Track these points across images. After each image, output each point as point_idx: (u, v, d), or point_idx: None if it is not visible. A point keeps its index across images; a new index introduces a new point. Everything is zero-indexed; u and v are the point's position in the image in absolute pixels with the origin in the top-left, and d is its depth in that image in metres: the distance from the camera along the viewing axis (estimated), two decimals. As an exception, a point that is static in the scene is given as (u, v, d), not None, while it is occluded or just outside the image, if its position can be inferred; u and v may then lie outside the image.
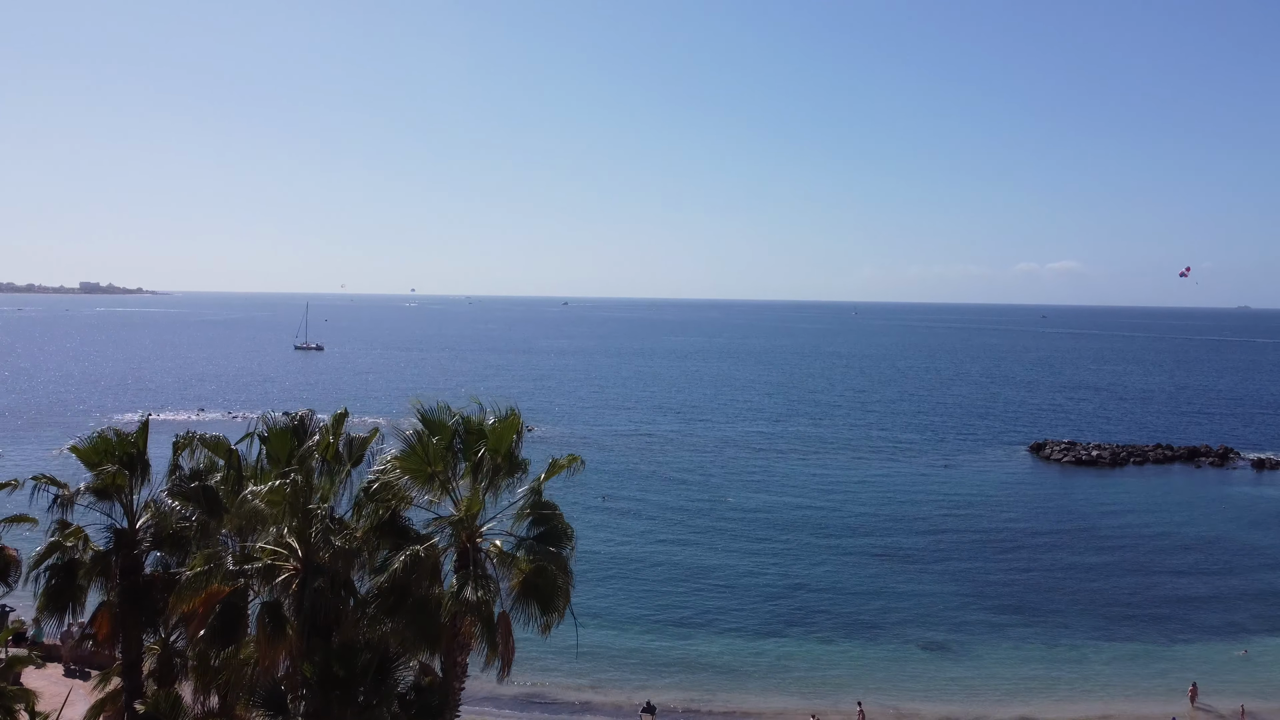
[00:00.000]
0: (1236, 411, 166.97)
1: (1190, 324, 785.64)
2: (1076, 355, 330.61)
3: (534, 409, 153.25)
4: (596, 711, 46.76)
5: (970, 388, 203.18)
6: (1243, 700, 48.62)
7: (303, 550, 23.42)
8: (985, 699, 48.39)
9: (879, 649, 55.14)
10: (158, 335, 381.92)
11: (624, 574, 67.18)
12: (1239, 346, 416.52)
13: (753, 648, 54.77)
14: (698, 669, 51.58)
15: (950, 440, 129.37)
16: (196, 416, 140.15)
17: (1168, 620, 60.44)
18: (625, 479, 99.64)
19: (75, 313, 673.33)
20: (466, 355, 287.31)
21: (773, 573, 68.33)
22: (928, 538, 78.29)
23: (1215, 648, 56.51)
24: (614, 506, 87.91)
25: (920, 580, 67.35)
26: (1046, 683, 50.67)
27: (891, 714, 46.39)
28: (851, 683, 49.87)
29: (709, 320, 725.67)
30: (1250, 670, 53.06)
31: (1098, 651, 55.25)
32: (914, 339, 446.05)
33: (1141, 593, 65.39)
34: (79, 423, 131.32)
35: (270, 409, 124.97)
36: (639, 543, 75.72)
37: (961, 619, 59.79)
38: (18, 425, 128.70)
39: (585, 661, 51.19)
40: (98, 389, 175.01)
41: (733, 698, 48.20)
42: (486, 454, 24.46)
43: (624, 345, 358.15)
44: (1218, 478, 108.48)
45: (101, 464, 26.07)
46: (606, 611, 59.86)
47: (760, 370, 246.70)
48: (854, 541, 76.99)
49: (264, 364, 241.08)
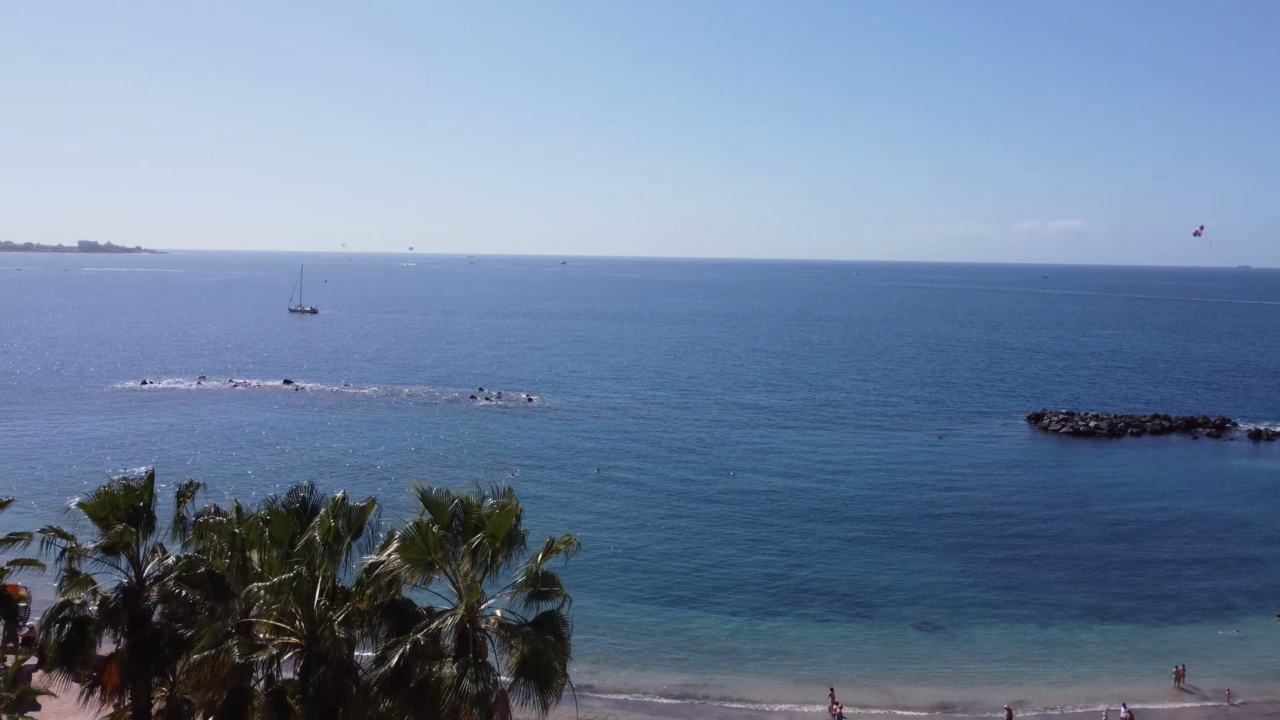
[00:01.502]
0: (1234, 380, 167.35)
1: (1191, 285, 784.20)
2: (1077, 320, 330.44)
3: (533, 378, 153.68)
4: (597, 693, 47.37)
5: (970, 354, 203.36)
6: (1229, 683, 49.38)
7: (307, 629, 23.77)
8: (978, 684, 49.08)
9: (875, 630, 55.82)
10: (156, 297, 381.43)
11: (620, 550, 67.77)
12: (1239, 310, 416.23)
13: (751, 628, 55.45)
14: (696, 651, 52.24)
15: (949, 410, 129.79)
16: (197, 385, 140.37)
17: (1160, 599, 61.12)
18: (621, 452, 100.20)
19: (73, 272, 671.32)
20: (464, 320, 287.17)
21: (770, 550, 68.96)
22: (926, 513, 78.90)
23: (1205, 628, 57.24)
24: (610, 478, 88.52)
25: (917, 558, 67.99)
26: (1038, 666, 51.40)
27: (885, 699, 47.06)
28: (846, 667, 50.57)
29: (710, 282, 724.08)
30: (1239, 651, 53.78)
31: (1089, 632, 55.99)
32: (914, 302, 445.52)
33: (1135, 570, 66.07)
34: (80, 391, 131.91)
35: (266, 379, 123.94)
36: (634, 518, 76.31)
37: (957, 598, 60.48)
38: (18, 395, 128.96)
39: (584, 644, 51.84)
40: (97, 355, 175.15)
41: (728, 681, 48.88)
42: (485, 541, 24.97)
43: (624, 309, 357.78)
44: (1214, 449, 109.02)
45: (109, 519, 26.38)
46: (605, 589, 60.48)
47: (759, 336, 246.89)
48: (852, 517, 77.58)
49: (259, 328, 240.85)
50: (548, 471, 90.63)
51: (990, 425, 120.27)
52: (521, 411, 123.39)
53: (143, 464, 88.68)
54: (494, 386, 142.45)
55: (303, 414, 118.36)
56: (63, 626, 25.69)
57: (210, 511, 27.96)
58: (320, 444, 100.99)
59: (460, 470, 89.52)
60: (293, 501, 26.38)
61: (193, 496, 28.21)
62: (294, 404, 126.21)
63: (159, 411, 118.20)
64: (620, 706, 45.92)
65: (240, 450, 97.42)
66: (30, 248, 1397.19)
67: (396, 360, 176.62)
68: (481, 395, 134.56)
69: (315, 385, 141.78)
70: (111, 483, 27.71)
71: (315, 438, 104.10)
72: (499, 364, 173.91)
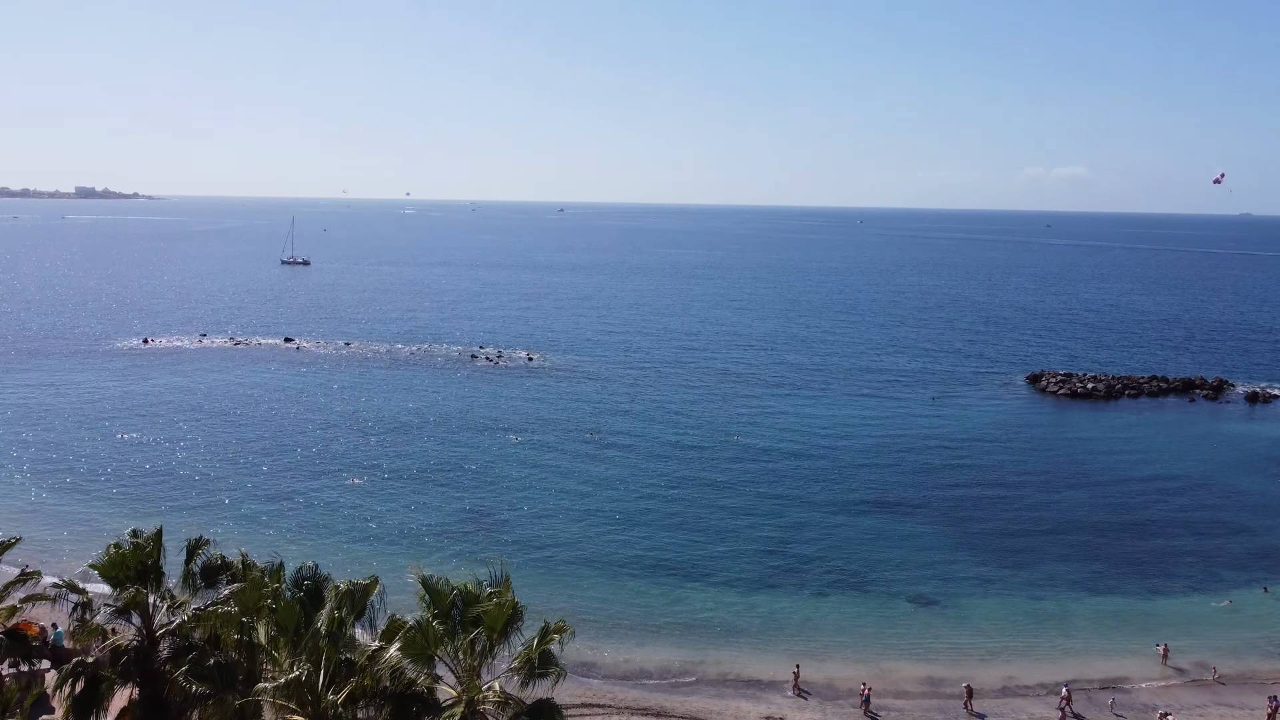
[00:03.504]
0: (1234, 337, 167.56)
1: (1195, 235, 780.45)
2: (1078, 272, 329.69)
3: (532, 335, 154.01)
4: (597, 671, 48.41)
5: (970, 310, 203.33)
6: (1216, 658, 50.42)
7: (313, 712, 24.36)
8: (970, 660, 50.08)
9: (869, 603, 56.76)
10: (153, 248, 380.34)
11: (615, 519, 68.65)
12: (1241, 261, 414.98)
13: (747, 602, 56.42)
14: (693, 626, 53.22)
15: (949, 369, 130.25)
16: (199, 343, 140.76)
17: (1151, 571, 62.00)
18: (617, 414, 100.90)
19: (71, 220, 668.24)
20: (462, 273, 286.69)
21: (766, 519, 69.78)
22: (922, 480, 79.70)
23: (1195, 600, 58.24)
24: (606, 443, 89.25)
25: (913, 527, 68.87)
26: (1028, 641, 52.40)
27: (875, 676, 48.03)
28: (841, 643, 51.58)
29: (711, 231, 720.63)
30: (1228, 627, 54.66)
31: (1080, 605, 56.94)
32: (915, 253, 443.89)
33: (1127, 542, 66.93)
34: (82, 350, 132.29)
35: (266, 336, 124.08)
36: (629, 485, 77.03)
37: (950, 571, 61.39)
38: (19, 355, 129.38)
39: (584, 620, 52.87)
40: (96, 311, 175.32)
41: (725, 657, 49.90)
42: (483, 632, 25.74)
43: (623, 260, 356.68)
44: (1210, 412, 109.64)
45: (120, 579, 26.99)
46: (601, 559, 61.42)
47: (759, 292, 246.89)
48: (849, 485, 78.33)
49: (254, 281, 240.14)
50: (547, 437, 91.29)
51: (990, 387, 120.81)
52: (522, 372, 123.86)
53: (150, 432, 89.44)
54: (493, 345, 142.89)
55: (305, 375, 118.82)
56: (75, 682, 26.39)
57: (218, 563, 28.52)
58: (323, 409, 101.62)
59: (463, 436, 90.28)
60: (298, 589, 26.85)
61: (203, 551, 28.75)
62: (295, 363, 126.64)
63: (163, 372, 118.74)
64: (620, 685, 46.88)
65: (245, 415, 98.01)
66: (27, 194, 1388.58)
67: (395, 317, 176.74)
68: (481, 354, 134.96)
69: (315, 344, 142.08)
70: (121, 540, 28.24)
71: (318, 402, 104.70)
72: (498, 320, 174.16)
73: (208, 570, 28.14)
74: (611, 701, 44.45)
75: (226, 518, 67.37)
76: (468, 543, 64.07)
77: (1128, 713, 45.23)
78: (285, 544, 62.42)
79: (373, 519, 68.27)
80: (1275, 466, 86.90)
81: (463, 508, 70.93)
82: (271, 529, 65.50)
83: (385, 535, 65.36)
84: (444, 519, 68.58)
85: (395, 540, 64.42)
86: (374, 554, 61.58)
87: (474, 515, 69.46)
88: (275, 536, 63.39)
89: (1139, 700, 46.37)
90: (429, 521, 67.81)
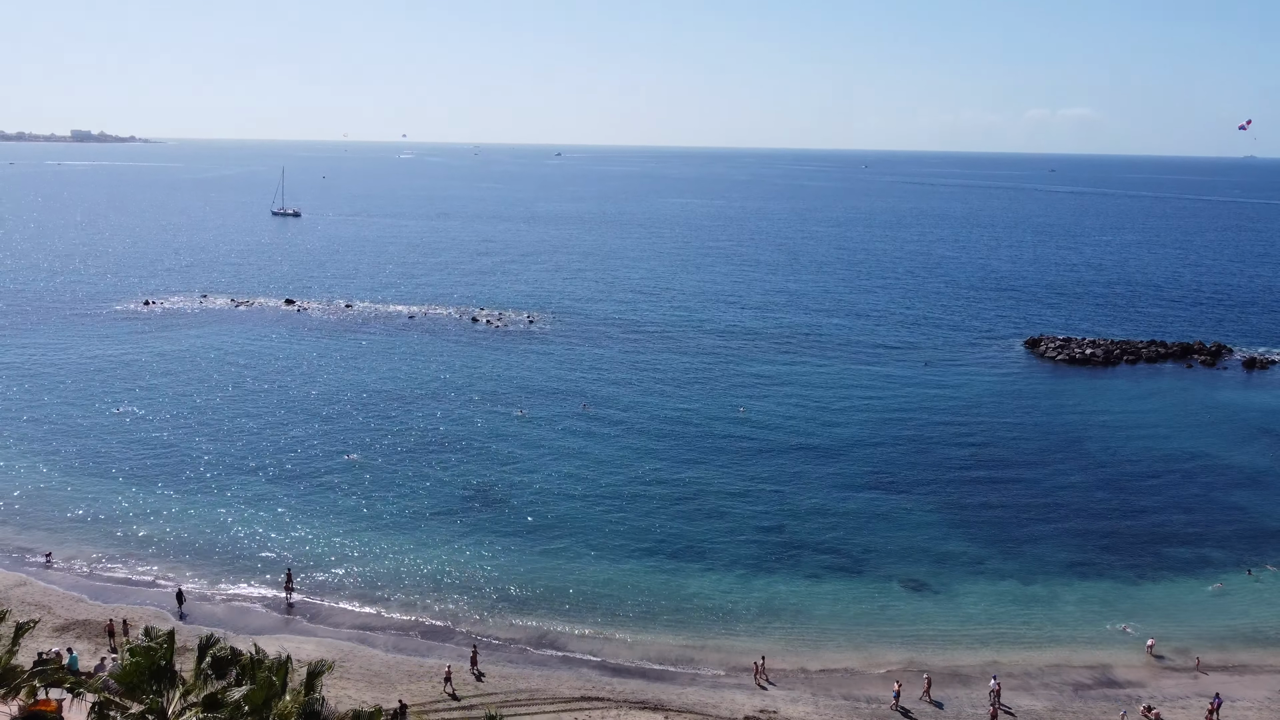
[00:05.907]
0: (1233, 297, 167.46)
1: (1199, 180, 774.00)
2: (1080, 224, 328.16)
3: (533, 294, 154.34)
4: (595, 662, 49.73)
5: (970, 269, 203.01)
6: (1201, 645, 51.73)
7: None
8: (960, 645, 51.49)
9: (863, 586, 57.94)
10: (148, 198, 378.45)
11: (610, 497, 69.69)
12: (1244, 210, 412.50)
13: (743, 586, 57.63)
14: (690, 611, 54.50)
15: (947, 333, 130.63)
16: (200, 304, 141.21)
17: (1142, 555, 62.79)
18: (617, 382, 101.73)
19: (65, 166, 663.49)
20: (460, 225, 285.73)
21: (760, 496, 70.72)
22: (919, 455, 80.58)
23: (1184, 585, 59.28)
24: (600, 416, 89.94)
25: (907, 506, 69.75)
26: (1017, 627, 53.71)
27: (866, 662, 49.44)
28: (834, 630, 52.90)
29: (713, 176, 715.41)
30: (1214, 614, 55.78)
31: (1069, 589, 58.10)
32: (918, 203, 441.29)
33: (1120, 521, 67.92)
34: (83, 312, 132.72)
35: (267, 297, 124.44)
36: (622, 460, 77.90)
37: (943, 552, 62.50)
38: (21, 317, 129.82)
39: (580, 606, 54.25)
40: (95, 271, 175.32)
41: (723, 644, 51.23)
42: None
43: (623, 210, 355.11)
44: (1207, 380, 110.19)
45: (137, 684, 27.79)
46: (599, 544, 62.42)
47: (760, 249, 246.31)
48: (845, 459, 79.14)
49: (248, 236, 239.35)
50: (549, 407, 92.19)
51: (989, 351, 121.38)
52: (523, 336, 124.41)
53: (160, 408, 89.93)
54: (494, 306, 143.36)
55: (308, 340, 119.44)
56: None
57: (228, 655, 29.47)
58: (327, 376, 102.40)
59: (468, 409, 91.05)
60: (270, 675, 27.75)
61: (214, 648, 29.59)
62: (298, 326, 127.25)
63: (167, 336, 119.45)
64: (616, 674, 48.10)
65: (252, 382, 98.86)
66: (22, 137, 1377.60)
67: (394, 275, 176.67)
68: (482, 317, 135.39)
69: (317, 305, 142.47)
70: (134, 644, 28.98)
71: (321, 368, 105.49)
72: (499, 277, 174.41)
73: (218, 663, 29.14)
74: (610, 694, 45.67)
75: (235, 500, 68.52)
76: (469, 521, 65.23)
77: (1110, 705, 46.51)
78: (287, 530, 63.79)
79: (375, 499, 69.20)
80: (1268, 438, 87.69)
81: (468, 484, 71.97)
82: (281, 507, 66.80)
83: (386, 516, 66.38)
84: (444, 501, 69.57)
85: (396, 520, 65.54)
86: (380, 537, 62.88)
87: (477, 494, 70.47)
88: (278, 520, 64.81)
89: (1123, 693, 47.58)
90: (429, 503, 68.76)
